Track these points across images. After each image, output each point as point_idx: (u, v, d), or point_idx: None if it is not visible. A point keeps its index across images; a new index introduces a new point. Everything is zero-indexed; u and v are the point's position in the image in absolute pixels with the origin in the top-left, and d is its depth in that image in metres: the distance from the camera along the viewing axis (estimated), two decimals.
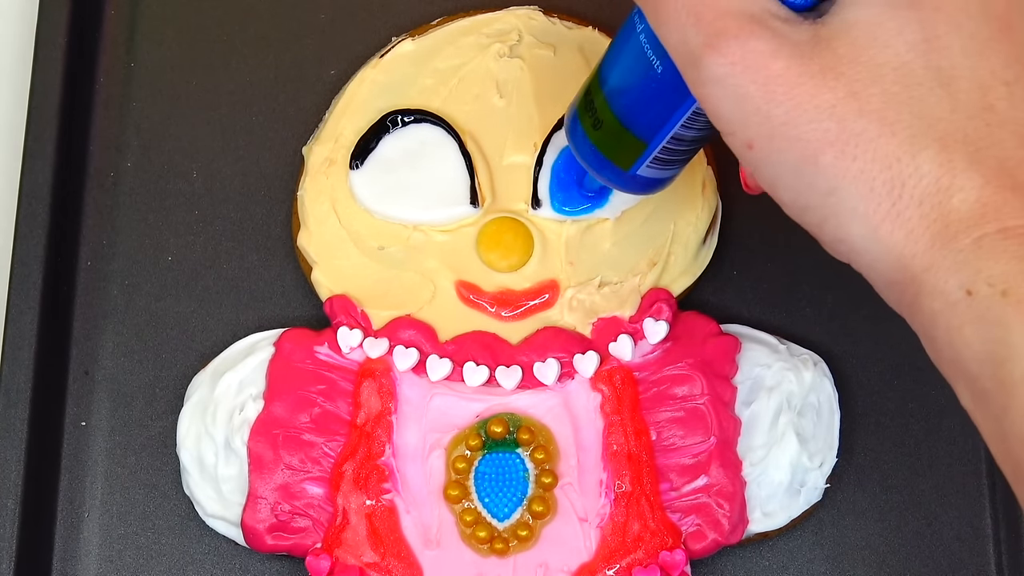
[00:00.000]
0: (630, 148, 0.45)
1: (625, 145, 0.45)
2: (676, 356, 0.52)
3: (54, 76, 0.56)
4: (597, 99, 0.45)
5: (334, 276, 0.54)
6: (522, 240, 0.53)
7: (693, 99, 0.42)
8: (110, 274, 0.56)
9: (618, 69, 0.44)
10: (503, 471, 0.52)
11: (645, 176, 0.46)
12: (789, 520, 0.52)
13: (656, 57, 0.42)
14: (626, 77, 0.44)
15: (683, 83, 0.40)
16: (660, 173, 0.47)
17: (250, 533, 0.51)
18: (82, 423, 0.54)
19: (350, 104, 0.55)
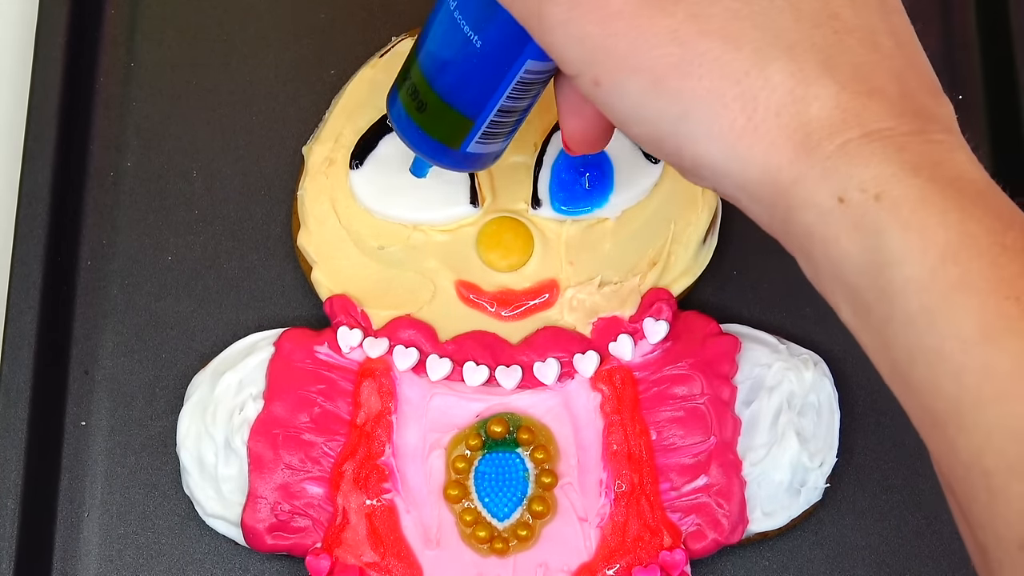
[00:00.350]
0: (458, 127, 0.45)
1: (452, 124, 0.45)
2: (676, 356, 0.52)
3: (54, 76, 0.56)
4: (417, 80, 0.45)
5: (334, 276, 0.54)
6: (522, 240, 0.54)
7: (516, 71, 0.43)
8: (110, 274, 0.56)
9: (436, 49, 0.44)
10: (503, 471, 0.52)
11: (476, 152, 0.46)
12: (789, 520, 0.52)
13: (474, 32, 0.42)
14: (446, 56, 0.44)
15: (505, 58, 0.40)
16: (490, 147, 0.46)
17: (250, 533, 0.51)
18: (82, 423, 0.54)
19: (350, 104, 0.55)
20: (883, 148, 0.35)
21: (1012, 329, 0.33)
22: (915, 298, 0.34)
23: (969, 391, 0.33)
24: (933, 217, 0.34)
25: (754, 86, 0.36)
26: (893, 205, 0.34)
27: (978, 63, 0.58)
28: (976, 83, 0.58)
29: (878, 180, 0.34)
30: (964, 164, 0.35)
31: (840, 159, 0.35)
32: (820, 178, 0.35)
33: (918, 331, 0.34)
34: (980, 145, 0.57)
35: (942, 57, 0.58)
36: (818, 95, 0.35)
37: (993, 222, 0.34)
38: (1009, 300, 0.33)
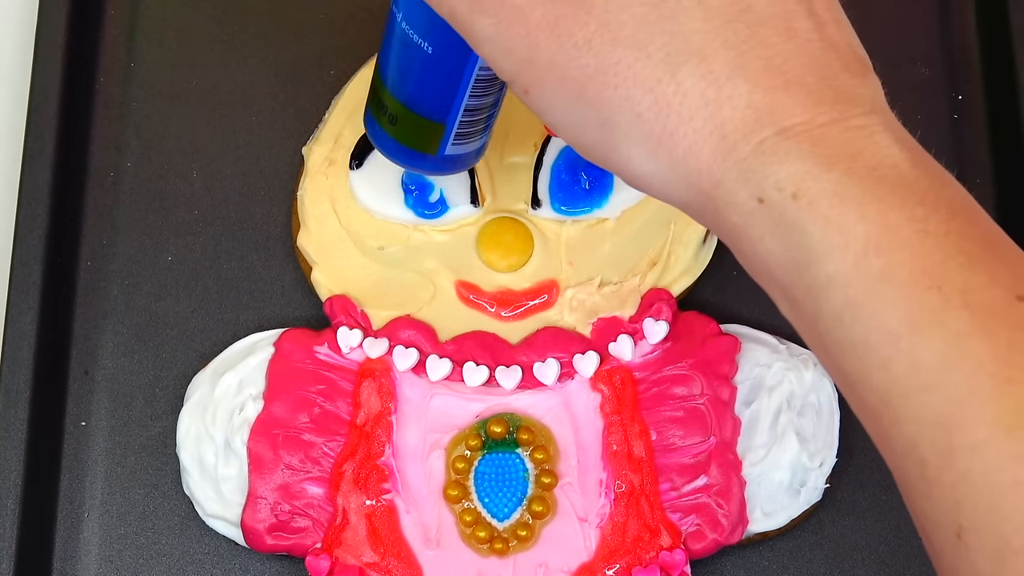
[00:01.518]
0: (430, 133, 0.46)
1: (425, 131, 0.46)
2: (676, 356, 0.52)
3: (54, 76, 0.56)
4: (385, 97, 0.46)
5: (334, 276, 0.54)
6: (522, 240, 0.54)
7: (472, 69, 0.43)
8: (110, 274, 0.56)
9: (394, 62, 0.45)
10: (503, 471, 0.52)
11: (455, 154, 0.47)
12: (789, 520, 0.52)
13: (422, 39, 0.43)
14: (403, 68, 0.45)
15: (457, 58, 0.41)
16: (467, 146, 0.47)
17: (250, 533, 0.51)
18: (82, 423, 0.54)
19: (350, 104, 0.55)
20: (798, 144, 0.35)
21: (935, 320, 0.33)
22: (839, 293, 0.34)
23: (897, 383, 0.34)
24: (851, 212, 0.34)
25: (666, 93, 0.36)
26: (810, 202, 0.34)
27: (978, 63, 0.58)
28: (976, 83, 0.58)
29: (794, 178, 0.34)
30: (886, 148, 0.35)
31: (756, 160, 0.35)
32: (738, 180, 0.35)
33: (844, 326, 0.34)
34: (980, 145, 0.57)
35: (942, 57, 0.58)
36: (730, 96, 0.35)
37: (914, 209, 0.34)
38: (931, 291, 0.33)
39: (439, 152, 0.47)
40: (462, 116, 0.45)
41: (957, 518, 0.33)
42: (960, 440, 0.33)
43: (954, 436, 0.33)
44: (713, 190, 0.36)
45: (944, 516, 0.33)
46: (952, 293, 0.33)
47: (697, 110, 0.35)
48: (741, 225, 0.36)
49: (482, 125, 0.47)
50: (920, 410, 0.33)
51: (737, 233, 0.36)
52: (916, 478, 0.34)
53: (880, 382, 0.34)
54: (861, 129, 0.35)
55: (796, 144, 0.35)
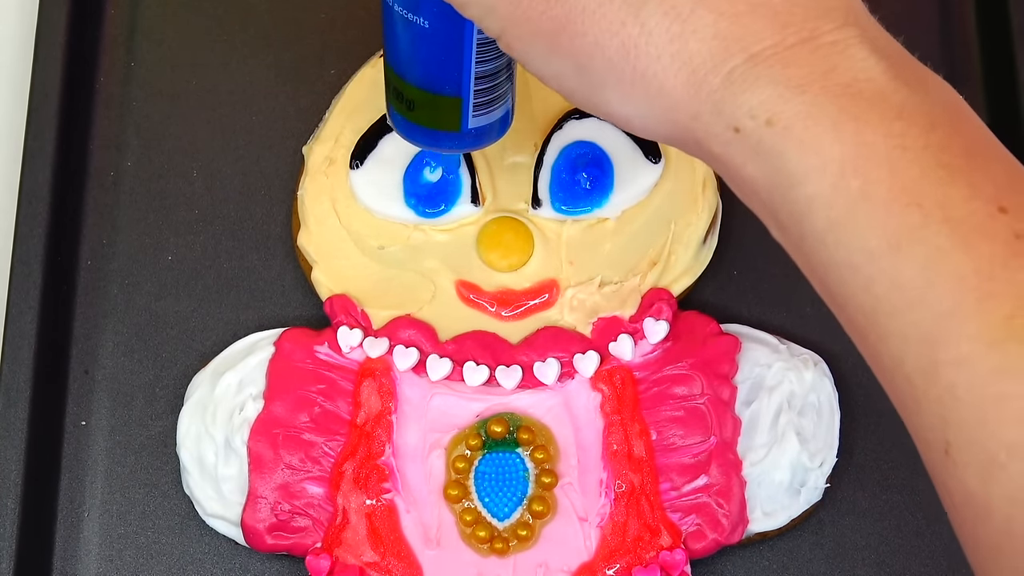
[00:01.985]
0: (449, 109, 0.46)
1: (444, 109, 0.46)
2: (676, 356, 0.52)
3: (54, 76, 0.56)
4: (397, 83, 0.46)
5: (334, 276, 0.54)
6: (522, 240, 0.54)
7: (471, 35, 0.44)
8: (110, 274, 0.56)
9: (397, 47, 0.45)
10: (503, 471, 0.52)
11: (479, 126, 0.47)
12: (789, 520, 0.52)
13: (417, 16, 0.43)
14: (407, 50, 0.45)
15: (455, 27, 0.42)
16: (491, 116, 0.47)
17: (250, 533, 0.51)
18: (82, 423, 0.54)
19: (350, 104, 0.55)
20: (768, 69, 0.35)
21: (915, 237, 0.33)
22: (821, 215, 0.34)
23: (881, 301, 0.34)
24: (826, 132, 0.34)
25: (631, 34, 0.36)
26: (785, 127, 0.34)
27: (978, 63, 0.58)
28: (976, 83, 0.58)
29: (766, 104, 0.34)
30: (860, 63, 0.35)
31: (727, 90, 0.35)
32: (713, 112, 0.35)
33: (828, 248, 0.34)
34: None
35: (942, 57, 0.58)
36: (695, 29, 0.35)
37: (891, 124, 0.34)
38: (911, 207, 0.33)
39: (463, 127, 0.47)
40: (475, 85, 0.45)
41: (944, 435, 0.33)
42: (944, 356, 0.33)
43: (938, 352, 0.33)
44: (691, 123, 0.36)
45: (932, 433, 0.33)
46: (932, 208, 0.33)
47: (663, 47, 0.36)
48: (723, 155, 0.36)
49: (499, 92, 0.46)
50: (904, 328, 0.33)
51: (722, 162, 0.36)
52: (905, 396, 0.34)
53: (865, 301, 0.34)
54: (834, 45, 0.35)
55: (766, 69, 0.35)
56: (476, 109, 0.46)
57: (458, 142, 0.47)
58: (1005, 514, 0.32)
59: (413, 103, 0.46)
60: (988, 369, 0.32)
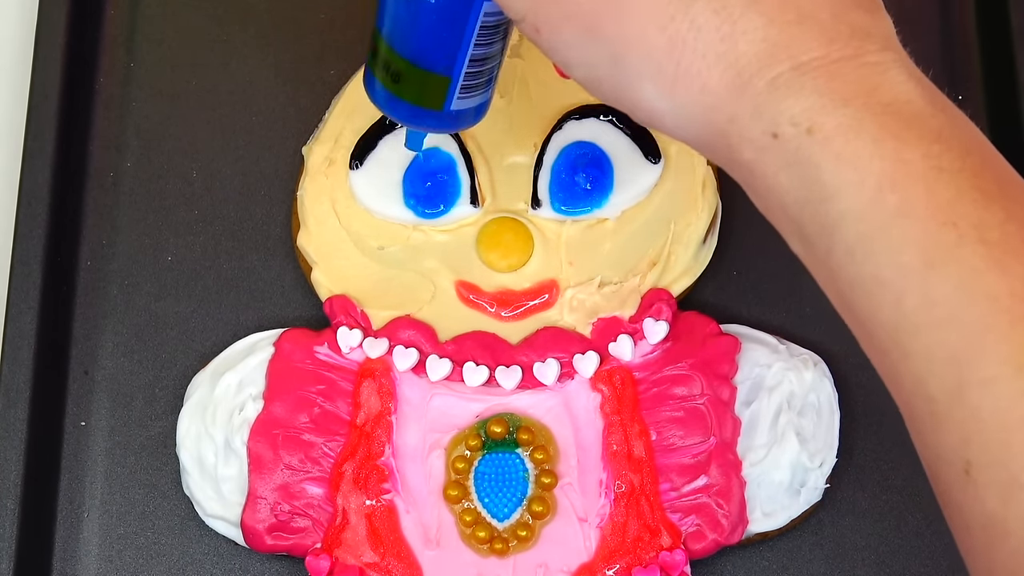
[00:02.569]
0: (435, 87, 0.45)
1: (430, 86, 0.45)
2: (676, 356, 0.52)
3: (54, 76, 0.56)
4: (386, 52, 0.45)
5: (334, 276, 0.54)
6: (522, 240, 0.54)
7: (476, 17, 0.43)
8: (110, 274, 0.56)
9: (396, 16, 0.44)
10: (503, 471, 0.52)
11: (460, 108, 0.46)
12: (789, 520, 0.52)
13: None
14: (406, 21, 0.44)
15: (461, 4, 0.41)
16: (473, 100, 0.46)
17: (250, 533, 0.51)
18: (82, 423, 0.54)
19: (350, 104, 0.55)
20: (813, 79, 0.35)
21: (950, 256, 0.33)
22: (852, 228, 0.34)
23: (908, 318, 0.33)
24: (866, 147, 0.34)
25: (680, 29, 0.36)
26: (825, 138, 0.34)
27: (978, 63, 0.58)
28: (976, 83, 0.58)
29: (809, 113, 0.34)
30: (900, 85, 0.35)
31: (771, 95, 0.35)
32: (753, 115, 0.35)
33: (857, 261, 0.34)
34: None
35: (942, 57, 0.58)
36: (745, 31, 0.35)
37: (930, 146, 0.34)
38: (946, 226, 0.33)
39: (445, 107, 0.46)
40: (468, 67, 0.45)
41: (965, 454, 0.33)
42: (971, 376, 0.32)
43: (964, 372, 0.33)
44: (727, 126, 0.36)
45: (952, 452, 0.33)
46: (967, 228, 0.33)
47: (711, 46, 0.35)
48: (755, 161, 0.36)
49: (487, 77, 0.46)
50: (931, 346, 0.33)
51: (751, 169, 0.36)
52: (924, 415, 0.34)
53: (891, 317, 0.34)
54: (876, 65, 0.35)
55: (812, 79, 0.35)
56: (462, 91, 0.46)
57: (436, 121, 0.47)
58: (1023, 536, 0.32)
59: (400, 75, 0.45)
60: (1016, 392, 0.32)
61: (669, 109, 0.37)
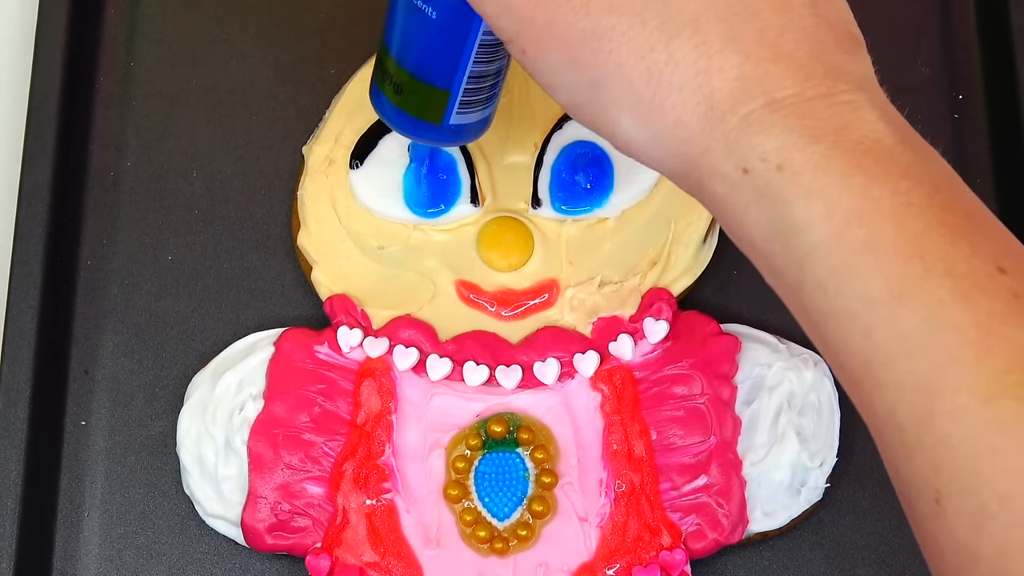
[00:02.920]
0: (435, 101, 0.46)
1: (430, 100, 0.46)
2: (676, 356, 0.52)
3: (54, 76, 0.56)
4: (390, 65, 0.46)
5: (334, 276, 0.54)
6: (522, 239, 0.54)
7: (475, 34, 0.44)
8: (110, 274, 0.56)
9: (399, 29, 0.45)
10: (503, 471, 0.52)
11: (460, 123, 0.47)
12: (789, 520, 0.52)
13: (427, 4, 0.44)
14: (409, 34, 0.45)
15: (461, 22, 0.42)
16: (473, 115, 0.47)
17: (250, 533, 0.51)
18: (82, 423, 0.54)
19: (350, 104, 0.55)
20: (784, 117, 0.35)
21: (917, 288, 0.34)
22: (822, 262, 0.35)
23: (879, 349, 0.34)
24: (835, 183, 0.34)
25: (658, 61, 0.36)
26: (794, 174, 0.35)
27: (978, 63, 0.58)
28: (976, 83, 0.58)
29: (780, 150, 0.35)
30: (871, 123, 0.36)
31: (743, 131, 0.35)
32: (725, 150, 0.36)
33: (827, 295, 0.35)
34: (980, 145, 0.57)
35: (942, 57, 0.58)
36: (720, 67, 0.36)
37: (899, 182, 0.34)
38: (914, 259, 0.34)
39: (444, 121, 0.47)
40: (467, 83, 0.45)
41: (935, 483, 0.33)
42: (940, 406, 0.33)
43: (934, 402, 0.33)
44: (699, 159, 0.36)
45: (923, 482, 0.34)
46: (934, 262, 0.34)
47: (687, 80, 0.36)
48: (726, 195, 0.36)
49: (486, 94, 0.47)
50: (900, 376, 0.34)
51: (722, 203, 0.37)
52: (896, 444, 0.35)
53: (862, 349, 0.34)
54: (848, 104, 0.36)
55: (783, 117, 0.35)
56: (461, 106, 0.46)
57: (436, 134, 0.47)
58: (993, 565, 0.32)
59: (402, 87, 0.46)
60: (984, 421, 0.33)
61: (644, 139, 0.37)
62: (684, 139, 0.36)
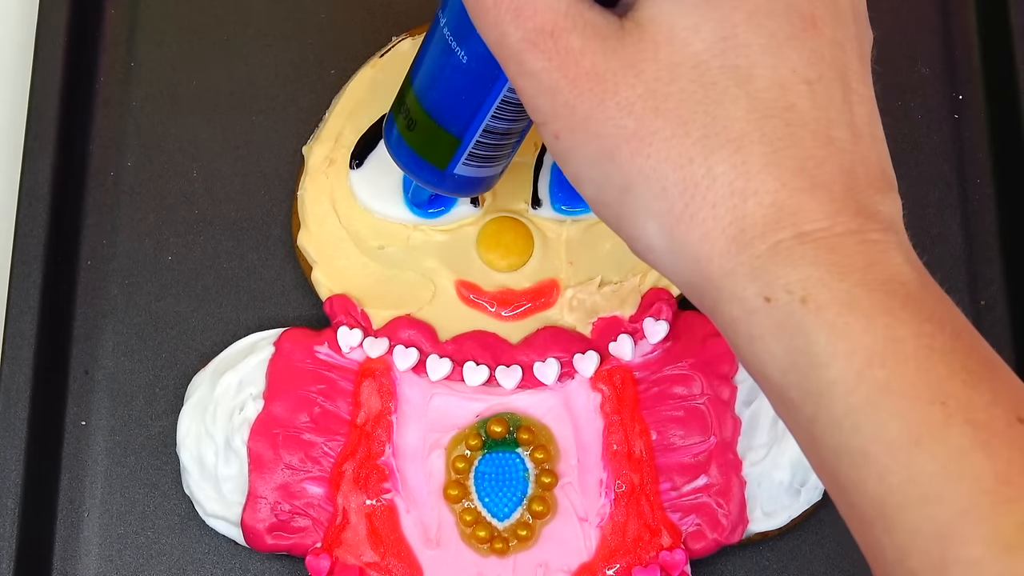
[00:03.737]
0: (444, 145, 0.45)
1: (439, 143, 0.45)
2: (676, 356, 0.52)
3: (54, 76, 0.56)
4: (409, 99, 0.46)
5: (334, 276, 0.54)
6: (522, 240, 0.54)
7: (500, 89, 0.43)
8: (110, 274, 0.56)
9: (427, 66, 0.45)
10: (503, 471, 0.52)
11: (464, 175, 0.47)
12: (789, 520, 0.52)
13: (460, 48, 0.43)
14: (435, 73, 0.44)
15: (489, 74, 0.41)
16: (478, 171, 0.47)
17: (250, 533, 0.51)
18: (82, 423, 0.54)
19: (350, 104, 0.55)
20: (814, 250, 0.35)
21: (936, 434, 0.33)
22: (840, 401, 0.34)
23: (894, 493, 0.34)
24: (859, 322, 0.34)
25: (696, 174, 0.36)
26: (818, 308, 0.34)
27: (978, 63, 0.58)
28: (976, 83, 0.58)
29: (805, 283, 0.35)
30: (898, 266, 0.35)
31: (770, 259, 0.35)
32: (748, 276, 0.35)
33: (843, 433, 0.34)
34: (980, 145, 0.57)
35: (942, 57, 0.58)
36: (756, 191, 0.35)
37: (922, 325, 0.34)
38: (934, 405, 0.34)
39: (448, 168, 0.46)
40: (480, 136, 0.45)
41: None
42: (954, 555, 0.33)
43: (948, 550, 0.33)
44: (719, 279, 0.36)
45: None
46: (955, 408, 0.33)
47: (722, 198, 0.35)
48: (740, 320, 0.36)
49: (498, 152, 0.46)
50: (916, 522, 0.33)
51: (736, 328, 0.36)
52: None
53: (875, 491, 0.34)
54: (876, 243, 0.35)
55: (812, 250, 0.35)
56: (469, 158, 0.46)
57: (436, 179, 0.47)
58: None
59: (415, 123, 0.46)
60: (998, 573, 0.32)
61: (667, 249, 0.37)
62: (707, 256, 0.36)
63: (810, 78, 0.36)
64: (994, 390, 0.34)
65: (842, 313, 0.34)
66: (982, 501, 0.33)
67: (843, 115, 0.37)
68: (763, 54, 0.36)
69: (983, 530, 0.33)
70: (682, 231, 0.36)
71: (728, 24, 0.36)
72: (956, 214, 0.56)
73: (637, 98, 0.36)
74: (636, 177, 0.36)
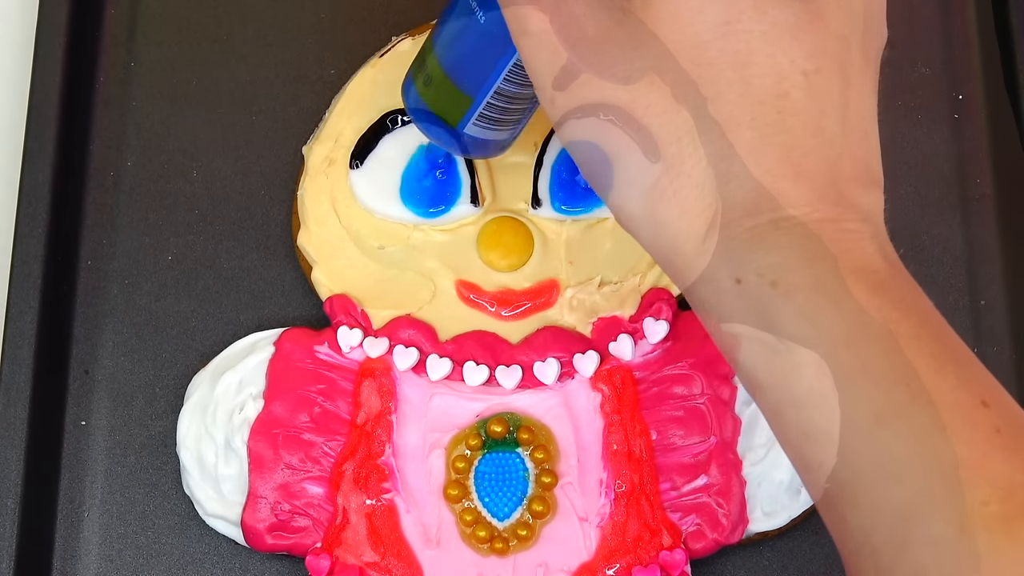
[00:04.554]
0: (457, 103, 0.46)
1: (452, 100, 0.46)
2: (676, 356, 0.52)
3: (54, 76, 0.56)
4: (429, 57, 0.47)
5: (334, 276, 0.54)
6: (522, 239, 0.54)
7: (513, 53, 0.44)
8: (110, 274, 0.56)
9: (447, 25, 0.46)
10: (503, 471, 0.52)
11: (473, 135, 0.47)
12: (789, 520, 0.52)
13: (480, 8, 0.44)
14: (453, 32, 0.45)
15: (503, 36, 0.41)
16: (488, 133, 0.47)
17: (250, 533, 0.51)
18: (82, 423, 0.54)
19: (350, 104, 0.55)
20: (788, 236, 0.35)
21: (902, 415, 0.34)
22: (806, 382, 0.35)
23: (859, 473, 0.34)
24: (827, 307, 0.35)
25: (684, 151, 0.36)
26: (788, 292, 0.35)
27: (978, 63, 0.58)
28: (976, 83, 0.58)
29: (776, 267, 0.35)
30: (870, 255, 0.36)
31: (745, 242, 0.36)
32: (722, 257, 0.36)
33: (810, 413, 0.35)
34: (980, 145, 0.57)
35: (942, 57, 0.58)
36: (739, 175, 0.36)
37: (890, 312, 0.35)
38: (899, 387, 0.34)
39: (458, 126, 0.47)
40: (491, 97, 0.46)
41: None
42: (916, 534, 0.33)
43: (910, 529, 0.33)
44: (694, 259, 0.36)
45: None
46: (919, 391, 0.34)
47: (707, 178, 0.36)
48: (711, 300, 0.36)
49: (508, 116, 0.47)
50: (878, 501, 0.34)
51: (706, 306, 0.37)
52: (868, 567, 0.34)
53: (840, 471, 0.35)
54: (852, 232, 0.36)
55: (786, 235, 0.35)
56: (479, 119, 0.46)
57: (448, 137, 0.48)
58: None
59: (431, 80, 0.47)
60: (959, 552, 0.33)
61: (645, 220, 0.37)
62: (685, 235, 0.36)
63: (808, 69, 0.36)
64: (959, 375, 0.34)
65: (811, 297, 0.35)
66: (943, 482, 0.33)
67: (837, 108, 0.37)
68: (763, 42, 0.36)
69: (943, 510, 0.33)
70: (664, 207, 0.36)
71: (734, 9, 0.36)
72: (956, 214, 0.56)
73: (634, 71, 0.36)
74: (626, 147, 0.37)
